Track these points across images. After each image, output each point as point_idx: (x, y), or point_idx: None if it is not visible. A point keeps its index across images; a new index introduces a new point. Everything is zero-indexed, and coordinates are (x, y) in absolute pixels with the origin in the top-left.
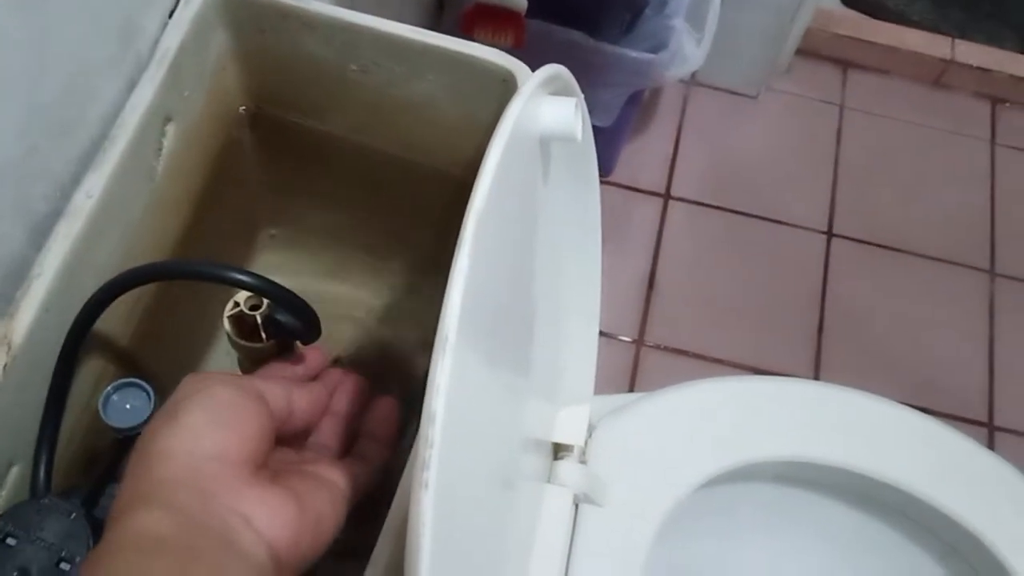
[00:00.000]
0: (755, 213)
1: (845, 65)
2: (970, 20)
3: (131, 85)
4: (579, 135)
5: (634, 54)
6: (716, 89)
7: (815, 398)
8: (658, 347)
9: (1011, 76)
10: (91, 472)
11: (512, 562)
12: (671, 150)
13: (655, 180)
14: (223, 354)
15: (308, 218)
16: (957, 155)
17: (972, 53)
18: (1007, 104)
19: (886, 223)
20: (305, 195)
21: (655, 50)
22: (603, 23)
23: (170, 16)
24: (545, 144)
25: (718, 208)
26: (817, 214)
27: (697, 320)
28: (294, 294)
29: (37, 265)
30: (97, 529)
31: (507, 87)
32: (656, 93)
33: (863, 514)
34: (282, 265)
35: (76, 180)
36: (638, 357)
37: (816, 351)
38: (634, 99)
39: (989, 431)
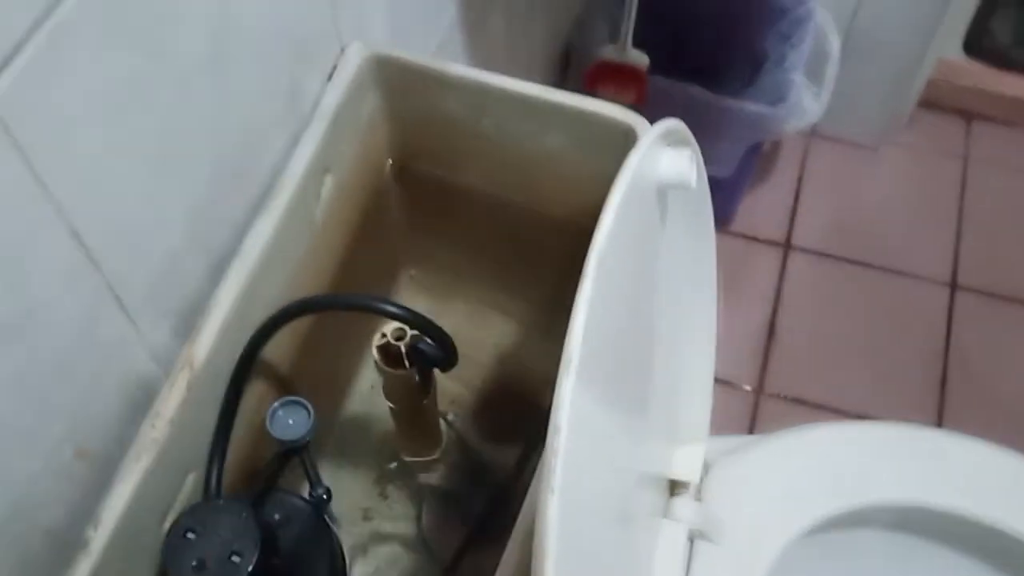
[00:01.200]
0: (877, 264)
1: (969, 116)
2: None
3: (295, 139)
4: (694, 183)
5: (753, 107)
6: (836, 141)
7: (936, 445)
8: (777, 396)
9: None
10: (254, 479)
11: None
12: (791, 200)
13: (775, 230)
14: (369, 379)
15: (445, 262)
16: None
17: None
18: None
19: (1013, 276)
20: (442, 241)
21: (774, 103)
22: (724, 77)
23: (329, 78)
24: (663, 192)
25: (839, 259)
26: (940, 266)
27: (817, 370)
28: (435, 323)
29: (215, 297)
30: (264, 528)
31: (628, 140)
32: (776, 144)
33: (984, 566)
34: (419, 303)
35: (249, 222)
36: (757, 405)
37: (939, 405)
38: (754, 150)
39: None
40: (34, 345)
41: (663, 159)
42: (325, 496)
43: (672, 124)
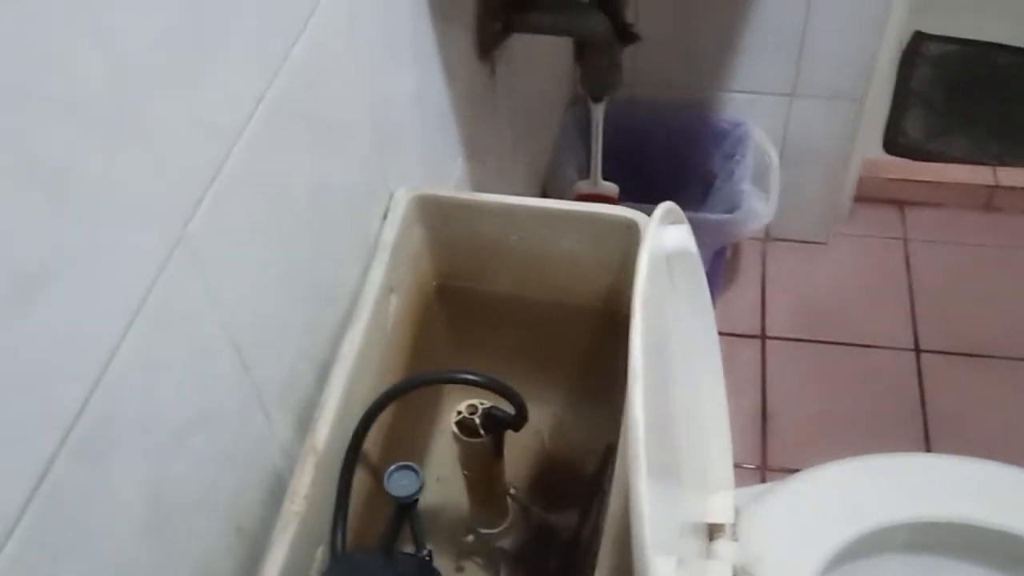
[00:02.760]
0: (846, 341)
1: (901, 204)
2: (1007, 149)
3: (366, 268)
4: (694, 249)
5: (713, 217)
6: (789, 240)
7: (934, 466)
8: (781, 469)
9: None
10: (371, 534)
11: None
12: (759, 297)
13: (750, 324)
14: (435, 472)
15: (483, 363)
16: (1020, 266)
17: (1015, 176)
18: None
19: (968, 334)
20: (480, 344)
21: (731, 211)
22: (683, 195)
23: (384, 217)
24: (671, 262)
25: (812, 341)
26: (903, 334)
27: (812, 442)
28: (508, 384)
29: (325, 395)
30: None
31: (631, 232)
32: (738, 251)
33: (995, 571)
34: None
35: (340, 336)
36: (764, 481)
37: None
38: (719, 256)
39: None
40: (211, 436)
41: (668, 234)
42: (428, 555)
43: (670, 205)
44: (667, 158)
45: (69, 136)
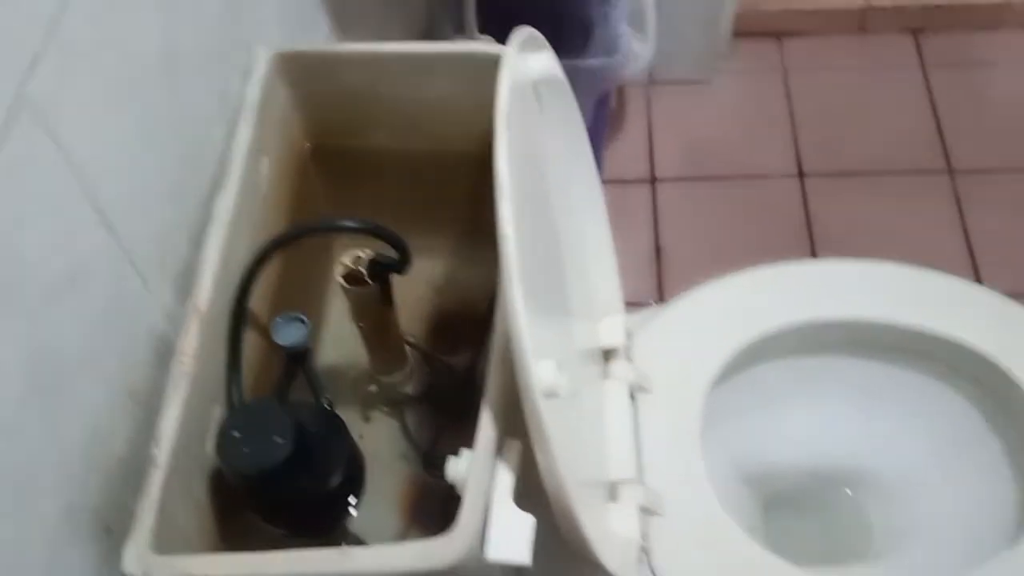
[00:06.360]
0: (733, 174)
1: (778, 35)
2: None
3: (231, 130)
4: (560, 75)
5: (593, 62)
6: (671, 83)
7: (817, 271)
8: None
9: (924, 7)
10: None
11: (592, 448)
12: (646, 141)
13: (639, 169)
14: (331, 334)
15: (367, 216)
16: (894, 84)
17: None
18: (927, 31)
19: (848, 154)
20: (362, 203)
21: (610, 55)
22: (563, 46)
23: (246, 79)
24: (536, 88)
25: (700, 178)
26: (786, 162)
27: (705, 274)
28: (389, 228)
29: (203, 255)
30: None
31: (499, 67)
32: (622, 98)
33: (886, 364)
34: None
35: (212, 198)
36: None
37: None
38: (603, 103)
39: None
40: (84, 298)
41: (531, 61)
42: (328, 403)
43: (530, 31)
44: (544, 8)
45: None
